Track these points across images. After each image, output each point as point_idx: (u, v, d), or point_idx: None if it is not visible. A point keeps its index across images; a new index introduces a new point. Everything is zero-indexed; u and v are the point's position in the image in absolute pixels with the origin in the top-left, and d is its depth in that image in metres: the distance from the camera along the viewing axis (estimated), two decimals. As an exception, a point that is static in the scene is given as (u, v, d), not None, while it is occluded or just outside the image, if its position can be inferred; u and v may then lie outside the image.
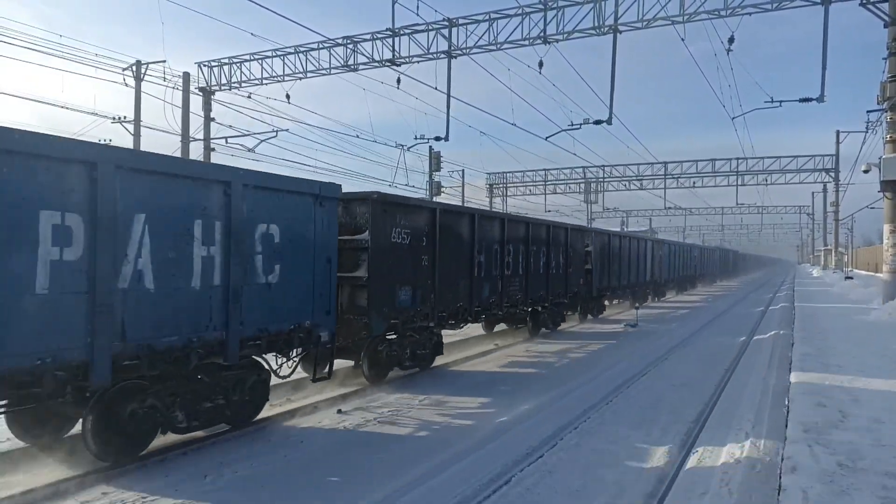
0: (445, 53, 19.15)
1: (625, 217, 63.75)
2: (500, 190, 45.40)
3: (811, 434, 5.24)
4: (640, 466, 6.23)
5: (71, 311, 5.46)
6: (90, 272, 5.57)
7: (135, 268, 6.01)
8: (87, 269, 5.56)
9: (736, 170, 39.68)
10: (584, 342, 15.77)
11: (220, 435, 7.22)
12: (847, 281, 29.93)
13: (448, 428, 7.71)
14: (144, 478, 5.92)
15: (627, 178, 42.99)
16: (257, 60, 22.38)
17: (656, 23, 17.01)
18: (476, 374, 11.41)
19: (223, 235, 6.86)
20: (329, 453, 6.74)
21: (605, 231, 23.48)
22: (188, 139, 22.27)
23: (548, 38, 18.04)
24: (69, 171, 5.45)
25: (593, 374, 11.12)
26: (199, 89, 23.25)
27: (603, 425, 7.65)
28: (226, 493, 5.62)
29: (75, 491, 5.54)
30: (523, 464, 6.19)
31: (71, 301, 5.46)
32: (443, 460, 6.35)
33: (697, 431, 7.37)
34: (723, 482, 5.55)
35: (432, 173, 33.25)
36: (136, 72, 21.47)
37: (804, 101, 17.18)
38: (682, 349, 14.36)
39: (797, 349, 10.18)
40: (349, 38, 20.49)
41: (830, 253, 49.84)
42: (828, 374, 7.99)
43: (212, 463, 6.36)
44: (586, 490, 5.57)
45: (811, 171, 39.19)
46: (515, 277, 14.61)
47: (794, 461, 4.54)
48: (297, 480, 5.94)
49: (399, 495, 5.43)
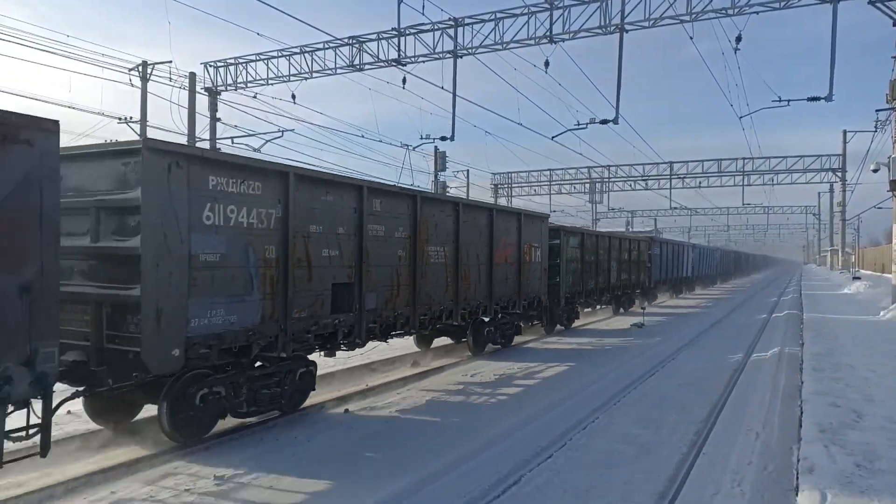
0: (451, 53, 19.11)
1: (630, 217, 63.59)
2: (505, 190, 45.35)
3: (827, 434, 5.19)
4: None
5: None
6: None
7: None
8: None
9: (742, 169, 39.50)
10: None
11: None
12: (855, 281, 29.79)
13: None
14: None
15: (633, 178, 42.86)
16: (263, 61, 22.38)
17: (663, 22, 16.93)
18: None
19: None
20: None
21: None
22: (194, 139, 22.28)
23: (554, 37, 17.97)
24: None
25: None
26: (205, 89, 23.27)
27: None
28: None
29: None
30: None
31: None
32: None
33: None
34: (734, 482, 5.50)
35: (437, 173, 33.23)
36: (143, 72, 21.48)
37: (812, 100, 17.05)
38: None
39: (808, 349, 10.11)
40: (355, 38, 20.48)
41: (837, 253, 49.64)
42: (840, 374, 7.93)
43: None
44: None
45: (818, 171, 38.99)
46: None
47: (810, 462, 4.49)
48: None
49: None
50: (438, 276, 11.02)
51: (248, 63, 22.72)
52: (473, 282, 12.21)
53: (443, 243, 11.15)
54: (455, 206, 11.72)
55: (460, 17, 18.96)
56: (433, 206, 10.93)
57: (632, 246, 24.91)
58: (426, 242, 10.62)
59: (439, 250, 11.06)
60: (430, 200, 11.08)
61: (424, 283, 10.50)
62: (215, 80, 23.32)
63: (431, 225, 10.78)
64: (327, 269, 8.30)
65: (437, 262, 10.99)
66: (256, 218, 7.22)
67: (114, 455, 6.50)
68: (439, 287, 11.04)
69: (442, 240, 11.13)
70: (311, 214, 8.04)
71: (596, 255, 20.30)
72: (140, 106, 21.68)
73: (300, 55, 21.61)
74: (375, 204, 9.24)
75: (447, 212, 11.36)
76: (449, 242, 11.35)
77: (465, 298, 11.85)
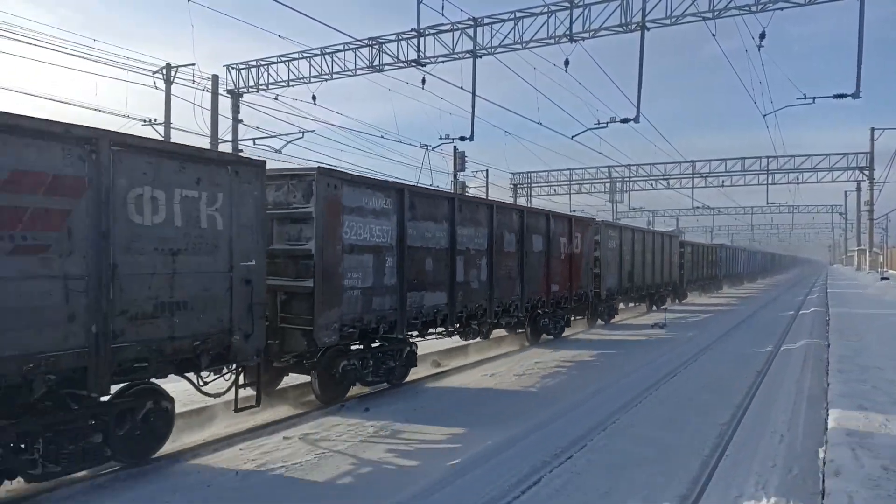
0: (470, 53, 19.10)
1: (651, 217, 62.98)
2: (524, 190, 45.18)
3: (853, 437, 5.10)
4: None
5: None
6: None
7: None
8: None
9: (766, 168, 38.88)
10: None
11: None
12: (882, 282, 29.19)
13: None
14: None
15: (654, 178, 42.43)
16: (284, 62, 22.58)
17: (685, 19, 16.76)
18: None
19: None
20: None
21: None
22: (217, 141, 22.56)
23: (574, 36, 17.88)
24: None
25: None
26: (228, 91, 23.54)
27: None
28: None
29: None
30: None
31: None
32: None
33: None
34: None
35: (457, 173, 33.22)
36: (166, 75, 21.81)
37: (839, 98, 16.77)
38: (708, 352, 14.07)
39: (834, 350, 9.93)
40: (375, 39, 20.57)
41: (864, 253, 48.62)
42: (867, 376, 7.78)
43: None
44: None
45: (844, 170, 38.22)
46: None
47: (836, 465, 4.41)
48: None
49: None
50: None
51: (270, 65, 22.94)
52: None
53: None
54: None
55: (480, 17, 18.95)
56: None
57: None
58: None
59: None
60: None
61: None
62: (237, 82, 23.58)
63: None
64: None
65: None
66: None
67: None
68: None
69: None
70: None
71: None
72: (164, 108, 22.02)
73: (320, 56, 21.77)
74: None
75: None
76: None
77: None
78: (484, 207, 12.08)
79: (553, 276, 14.75)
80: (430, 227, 10.18)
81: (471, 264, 11.36)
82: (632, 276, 21.05)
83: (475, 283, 11.53)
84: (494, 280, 12.06)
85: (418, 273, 9.85)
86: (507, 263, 12.72)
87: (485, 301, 11.87)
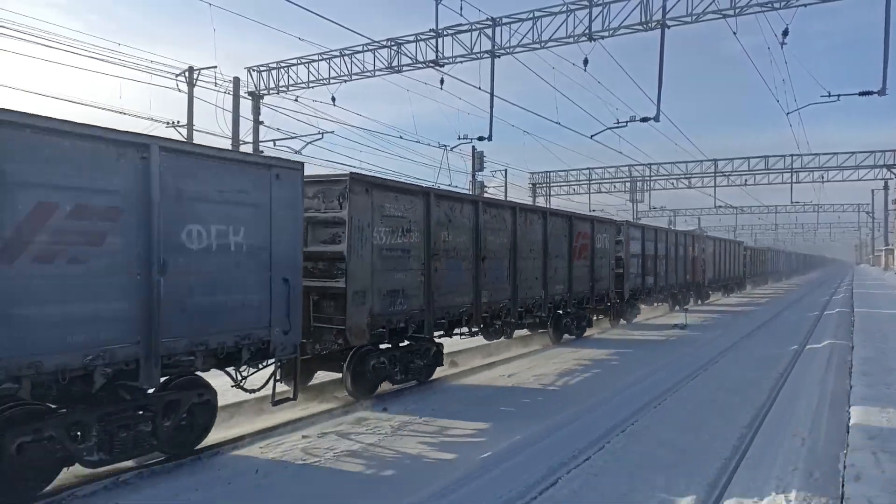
0: (489, 53, 19.08)
1: (672, 216, 62.29)
2: (543, 189, 44.99)
3: (875, 441, 5.02)
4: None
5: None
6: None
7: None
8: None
9: (790, 167, 38.25)
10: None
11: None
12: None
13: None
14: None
15: (675, 177, 41.96)
16: (304, 64, 22.76)
17: (706, 16, 16.55)
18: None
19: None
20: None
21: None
22: (238, 142, 22.83)
23: (593, 34, 17.75)
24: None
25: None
26: (249, 94, 23.79)
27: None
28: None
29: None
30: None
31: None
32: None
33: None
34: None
35: (475, 173, 33.20)
36: (189, 77, 22.12)
37: (864, 95, 16.44)
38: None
39: (857, 352, 9.77)
40: (393, 40, 20.64)
41: (892, 252, 47.60)
42: (891, 379, 7.64)
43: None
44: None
45: (871, 168, 37.46)
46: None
47: (857, 469, 4.36)
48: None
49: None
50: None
51: (290, 67, 23.14)
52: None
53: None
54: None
55: (498, 17, 18.91)
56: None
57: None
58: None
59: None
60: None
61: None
62: (258, 84, 23.83)
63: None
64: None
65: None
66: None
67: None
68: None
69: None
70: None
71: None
72: (187, 110, 22.34)
73: (340, 58, 21.91)
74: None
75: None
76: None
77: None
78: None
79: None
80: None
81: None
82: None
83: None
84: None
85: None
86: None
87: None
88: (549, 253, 13.69)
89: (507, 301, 12.15)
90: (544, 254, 13.55)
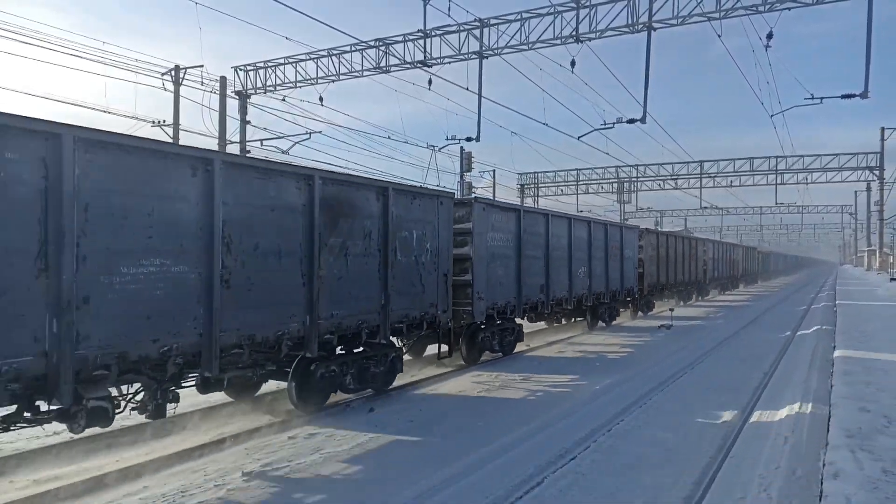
0: (477, 54, 19.13)
1: (658, 217, 62.68)
2: (531, 190, 45.13)
3: (854, 439, 5.10)
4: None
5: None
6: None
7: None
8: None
9: (775, 168, 38.67)
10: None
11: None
12: (892, 283, 28.97)
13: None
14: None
15: (662, 178, 42.27)
16: (291, 64, 22.69)
17: (692, 19, 16.71)
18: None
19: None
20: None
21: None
22: (225, 142, 22.70)
23: (580, 36, 17.86)
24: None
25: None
26: (236, 93, 23.68)
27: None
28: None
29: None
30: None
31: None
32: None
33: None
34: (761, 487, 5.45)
35: (463, 174, 33.22)
36: (175, 76, 21.96)
37: (847, 98, 16.66)
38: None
39: (839, 351, 9.90)
40: (381, 41, 20.63)
41: (874, 254, 48.23)
42: (872, 378, 7.75)
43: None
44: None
45: (854, 170, 37.95)
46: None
47: (836, 467, 4.42)
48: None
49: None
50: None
51: (278, 66, 23.06)
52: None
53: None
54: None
55: (486, 18, 18.97)
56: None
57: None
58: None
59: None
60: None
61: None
62: (245, 83, 23.72)
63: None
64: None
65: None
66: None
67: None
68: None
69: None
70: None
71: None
72: (173, 109, 22.17)
73: (327, 58, 21.86)
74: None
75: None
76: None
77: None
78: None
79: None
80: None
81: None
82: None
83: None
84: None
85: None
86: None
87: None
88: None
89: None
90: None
